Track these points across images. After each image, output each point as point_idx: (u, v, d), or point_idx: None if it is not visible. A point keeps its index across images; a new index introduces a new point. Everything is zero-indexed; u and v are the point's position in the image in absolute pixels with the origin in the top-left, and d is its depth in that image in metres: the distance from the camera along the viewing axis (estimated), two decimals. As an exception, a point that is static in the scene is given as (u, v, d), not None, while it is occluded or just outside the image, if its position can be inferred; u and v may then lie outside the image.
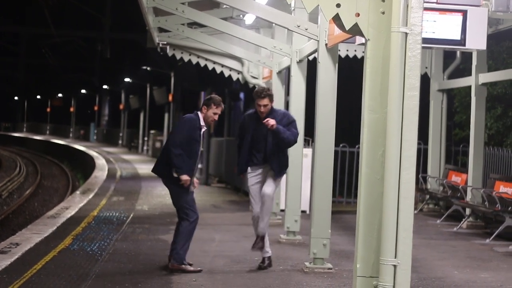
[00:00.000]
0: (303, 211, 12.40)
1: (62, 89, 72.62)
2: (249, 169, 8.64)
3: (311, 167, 12.13)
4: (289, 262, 9.09)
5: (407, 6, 5.52)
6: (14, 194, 23.92)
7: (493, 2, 8.99)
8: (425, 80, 14.03)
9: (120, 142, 50.89)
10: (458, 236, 12.12)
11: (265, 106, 8.45)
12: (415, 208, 10.80)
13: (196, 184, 8.43)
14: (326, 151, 8.79)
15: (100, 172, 24.35)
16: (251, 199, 8.67)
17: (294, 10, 9.96)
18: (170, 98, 34.61)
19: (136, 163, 30.29)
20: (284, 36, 12.05)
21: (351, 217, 13.08)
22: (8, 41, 57.23)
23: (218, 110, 8.35)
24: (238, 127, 9.00)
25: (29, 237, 10.05)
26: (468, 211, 13.01)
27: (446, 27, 8.69)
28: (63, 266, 8.23)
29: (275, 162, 8.52)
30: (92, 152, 37.19)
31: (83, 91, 66.49)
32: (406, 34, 5.53)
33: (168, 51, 14.77)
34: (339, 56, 10.20)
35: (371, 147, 5.74)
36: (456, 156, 16.62)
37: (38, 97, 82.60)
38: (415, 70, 5.55)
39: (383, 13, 5.67)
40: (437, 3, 8.77)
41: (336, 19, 5.78)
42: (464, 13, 8.69)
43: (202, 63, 15.36)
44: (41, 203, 21.67)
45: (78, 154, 39.86)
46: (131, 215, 13.20)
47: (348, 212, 14.56)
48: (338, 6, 5.67)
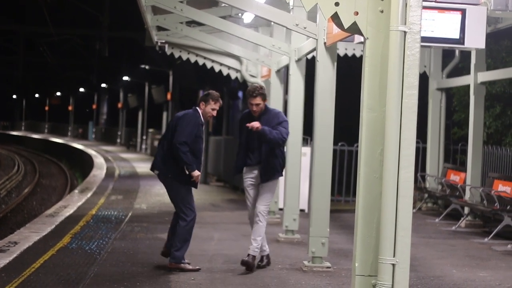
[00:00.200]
0: (302, 210, 12.41)
1: (60, 87, 72.54)
2: (244, 169, 8.53)
3: (309, 165, 12.12)
4: (287, 261, 9.09)
5: (406, 4, 5.51)
6: (13, 192, 23.93)
7: (492, 0, 8.96)
8: (423, 79, 14.03)
9: (118, 140, 50.84)
10: (457, 235, 12.12)
11: (257, 105, 8.33)
12: (413, 207, 10.81)
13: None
14: (325, 150, 8.78)
15: (99, 171, 24.33)
16: (246, 200, 8.62)
17: (292, 8, 9.95)
18: (169, 96, 34.63)
19: (134, 162, 30.28)
20: (282, 35, 12.04)
21: (350, 215, 13.07)
22: (6, 39, 57.13)
23: (217, 106, 8.30)
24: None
25: (27, 235, 10.04)
26: (466, 210, 13.01)
27: (445, 26, 8.68)
28: (61, 265, 8.23)
29: (264, 167, 8.35)
30: (90, 151, 37.16)
31: (82, 89, 66.49)
32: (405, 32, 5.52)
33: (166, 49, 14.74)
34: (338, 54, 10.20)
35: (370, 145, 5.74)
36: (454, 155, 16.62)
37: (37, 95, 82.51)
38: (413, 68, 5.55)
39: (382, 11, 5.66)
40: (436, 1, 8.77)
41: (335, 18, 5.78)
42: (463, 11, 8.69)
43: (201, 61, 15.34)
44: (39, 201, 21.68)
45: (76, 153, 39.84)
46: (130, 214, 13.19)
47: (346, 211, 14.57)
48: (337, 4, 5.66)
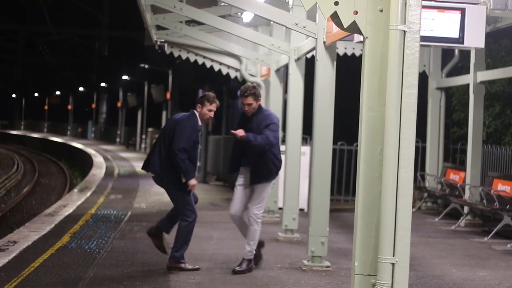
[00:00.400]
0: (301, 209, 12.42)
1: (59, 86, 72.56)
2: (241, 169, 8.41)
3: (309, 165, 12.12)
4: (287, 260, 9.09)
5: (405, 4, 5.51)
6: (12, 192, 23.93)
7: (491, 0, 8.98)
8: (423, 78, 14.02)
9: (117, 140, 50.84)
10: (456, 234, 12.12)
11: (249, 105, 8.17)
12: (413, 206, 10.79)
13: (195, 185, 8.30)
14: (324, 149, 8.77)
15: (98, 170, 24.33)
16: (232, 198, 8.39)
17: (292, 8, 9.95)
18: (168, 96, 34.64)
19: (133, 161, 30.26)
20: (282, 34, 12.04)
21: (349, 215, 13.07)
22: (5, 38, 57.14)
23: (213, 107, 8.20)
24: None
25: (26, 235, 10.04)
26: (466, 209, 13.01)
27: (445, 25, 8.68)
28: (60, 264, 8.22)
29: (252, 169, 8.20)
30: (90, 150, 37.16)
31: (81, 88, 66.48)
32: (404, 32, 5.52)
33: (166, 48, 14.74)
34: (337, 54, 10.21)
35: (369, 145, 5.73)
36: (454, 154, 16.62)
37: (36, 94, 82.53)
38: (413, 68, 5.55)
39: (381, 11, 5.65)
40: (435, 1, 8.76)
41: (334, 17, 5.77)
42: (463, 11, 8.68)
43: (200, 61, 15.34)
44: (38, 201, 21.68)
45: (76, 152, 39.85)
46: (129, 213, 13.19)
47: (346, 210, 14.56)
48: (336, 4, 5.65)
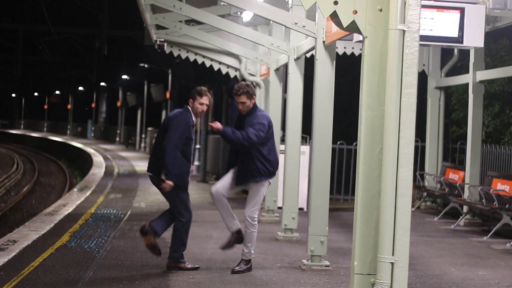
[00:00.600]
0: (301, 209, 12.41)
1: (59, 86, 72.58)
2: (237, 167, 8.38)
3: (308, 164, 12.12)
4: (286, 259, 9.09)
5: (405, 3, 5.52)
6: (12, 191, 23.93)
7: (490, -1, 8.99)
8: (422, 78, 14.03)
9: (117, 139, 50.84)
10: (456, 233, 12.12)
11: (243, 103, 8.13)
12: (412, 206, 10.84)
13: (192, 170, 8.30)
14: (324, 149, 8.78)
15: (98, 169, 24.33)
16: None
17: (291, 7, 9.95)
18: (168, 95, 34.63)
19: (133, 160, 30.27)
20: (281, 34, 12.04)
21: (349, 214, 13.08)
22: (5, 37, 57.13)
23: (204, 100, 8.11)
24: None
25: (26, 234, 10.04)
26: (465, 209, 13.01)
27: (444, 25, 8.69)
28: (60, 264, 8.23)
29: (239, 169, 8.18)
30: (89, 149, 37.17)
31: (81, 88, 66.50)
32: (404, 31, 5.53)
33: (165, 48, 14.73)
34: (337, 53, 10.21)
35: (369, 144, 5.74)
36: (453, 154, 16.63)
37: (36, 94, 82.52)
38: (412, 67, 5.55)
39: (381, 10, 5.66)
40: (435, 0, 8.77)
41: (334, 17, 5.78)
42: (462, 10, 8.70)
43: (200, 60, 15.34)
44: (38, 200, 21.68)
45: (75, 151, 39.85)
46: (129, 213, 13.19)
47: (345, 209, 14.57)
48: (336, 3, 5.66)
